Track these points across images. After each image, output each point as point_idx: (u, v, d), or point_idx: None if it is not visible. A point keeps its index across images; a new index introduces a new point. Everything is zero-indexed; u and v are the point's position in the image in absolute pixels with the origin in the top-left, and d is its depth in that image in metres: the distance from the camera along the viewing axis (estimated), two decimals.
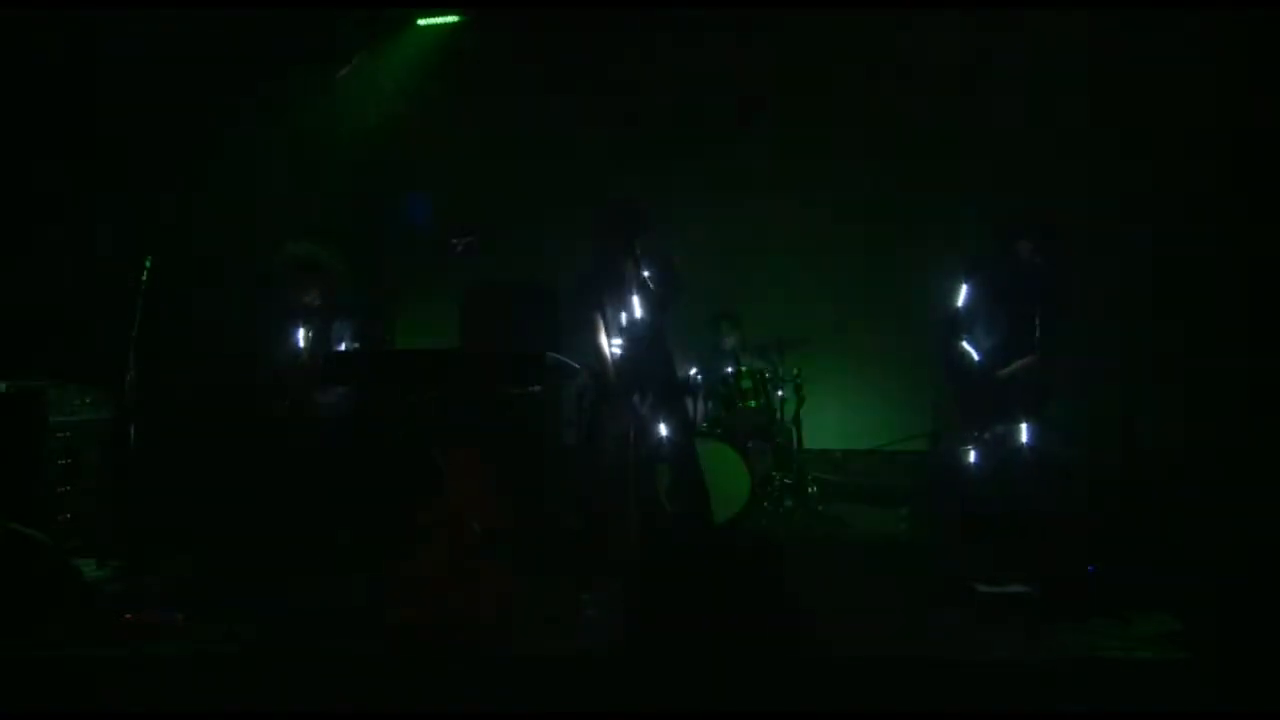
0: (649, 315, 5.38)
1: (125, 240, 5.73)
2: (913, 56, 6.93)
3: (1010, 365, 5.40)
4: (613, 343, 5.45)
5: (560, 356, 5.01)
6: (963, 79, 6.83)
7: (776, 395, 6.61)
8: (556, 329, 5.82)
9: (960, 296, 5.62)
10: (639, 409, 5.47)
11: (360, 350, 5.32)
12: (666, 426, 5.50)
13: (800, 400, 6.59)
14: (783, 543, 5.74)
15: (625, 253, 5.32)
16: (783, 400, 6.63)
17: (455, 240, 5.35)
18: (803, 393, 6.57)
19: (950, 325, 5.63)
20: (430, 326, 6.95)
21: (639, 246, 5.33)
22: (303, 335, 5.25)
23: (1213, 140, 6.18)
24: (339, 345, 5.25)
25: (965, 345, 5.58)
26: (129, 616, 4.12)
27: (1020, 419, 5.25)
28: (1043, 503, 4.87)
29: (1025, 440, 5.20)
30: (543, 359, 4.67)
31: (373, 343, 5.67)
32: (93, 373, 5.24)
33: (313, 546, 4.69)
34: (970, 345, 5.58)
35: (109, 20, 5.92)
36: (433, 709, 3.59)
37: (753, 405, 6.55)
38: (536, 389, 4.93)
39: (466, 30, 6.94)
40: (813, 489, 6.59)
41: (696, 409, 6.63)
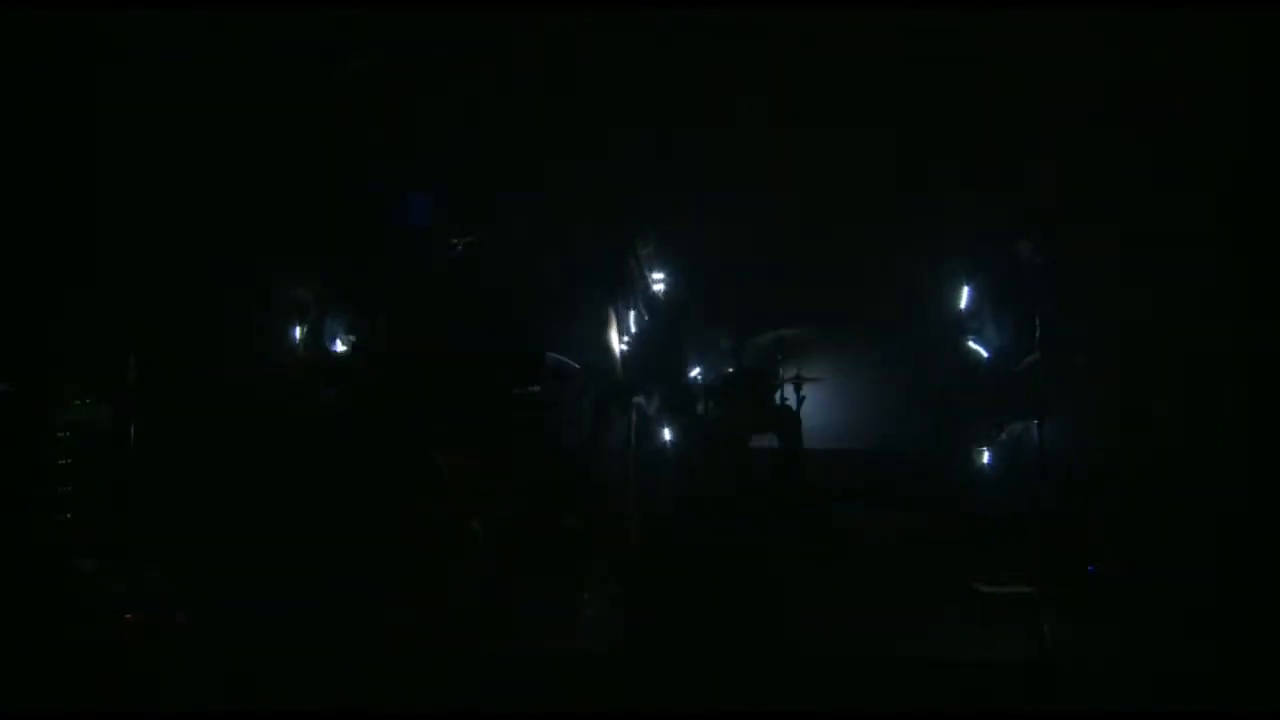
0: (654, 315, 5.39)
1: (125, 240, 5.73)
2: (913, 56, 6.92)
3: (1021, 364, 5.40)
4: (621, 341, 5.45)
5: (560, 357, 5.01)
6: (963, 79, 6.82)
7: (776, 395, 6.60)
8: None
9: (963, 296, 5.63)
10: (645, 408, 5.47)
11: (360, 350, 5.31)
12: (672, 427, 5.51)
13: (800, 400, 6.57)
14: (782, 543, 5.73)
15: (630, 253, 5.32)
16: (782, 400, 6.62)
17: (455, 240, 5.35)
18: (803, 392, 6.56)
19: (954, 325, 5.64)
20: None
21: (643, 246, 5.34)
22: (303, 335, 5.25)
23: (1213, 140, 6.17)
24: (339, 345, 5.25)
25: (970, 344, 5.59)
26: (129, 616, 4.11)
27: (1020, 419, 5.25)
28: (1043, 503, 4.87)
29: (1025, 440, 5.20)
30: (542, 359, 4.68)
31: (373, 343, 5.66)
32: (93, 373, 5.23)
33: (313, 546, 4.69)
34: (976, 344, 5.58)
35: (109, 21, 5.92)
36: (433, 709, 3.60)
37: (752, 405, 6.53)
38: (536, 389, 4.94)
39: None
40: (812, 489, 6.57)
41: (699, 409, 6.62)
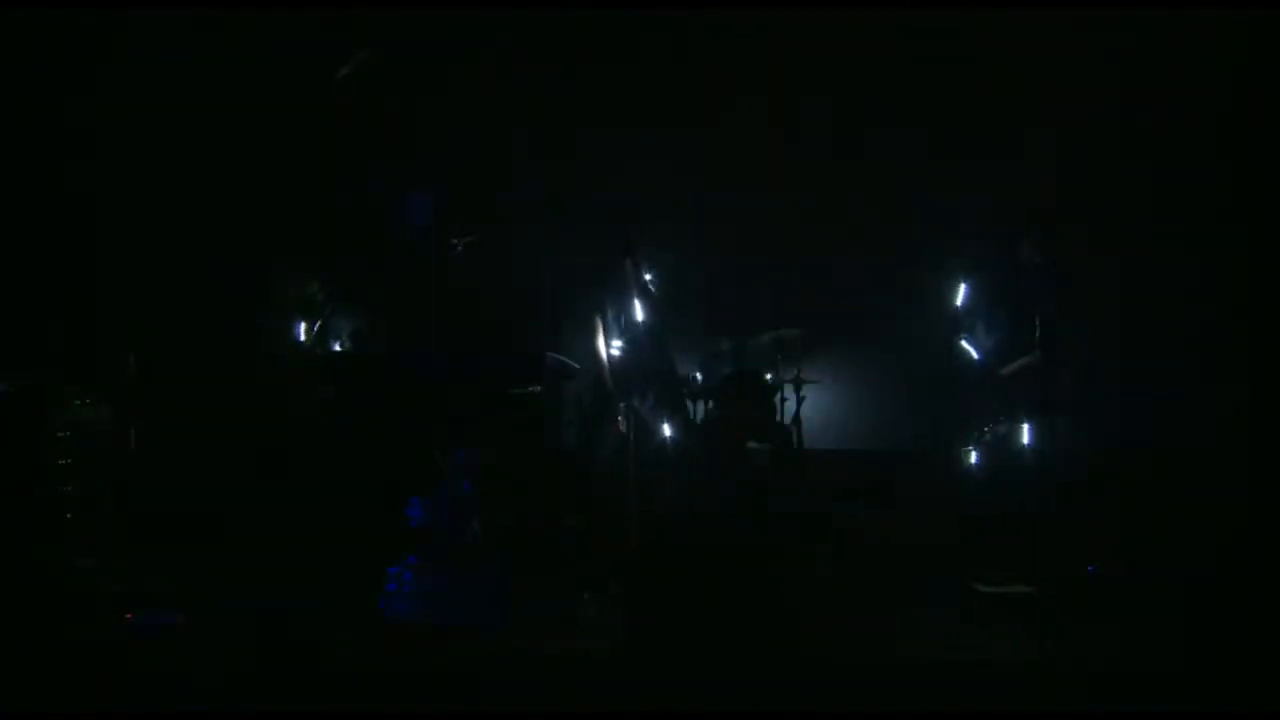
0: (648, 317, 5.39)
1: (125, 240, 5.73)
2: (913, 56, 6.92)
3: (1010, 365, 5.40)
4: (612, 345, 5.45)
5: (560, 357, 5.02)
6: (963, 79, 6.82)
7: (776, 396, 6.60)
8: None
9: (960, 296, 5.62)
10: (644, 409, 5.47)
11: (360, 350, 5.31)
12: (669, 427, 5.51)
13: (800, 400, 6.57)
14: (782, 543, 5.73)
15: (624, 255, 5.33)
16: (782, 401, 6.62)
17: (455, 240, 5.35)
18: (802, 393, 6.55)
19: (951, 325, 5.64)
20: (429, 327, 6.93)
21: (638, 248, 5.34)
22: (303, 335, 5.25)
23: (1213, 140, 6.17)
24: (338, 345, 5.25)
25: (965, 344, 5.59)
26: (129, 616, 4.11)
27: (1021, 419, 5.25)
28: (1043, 503, 4.87)
29: (1026, 440, 5.20)
30: (542, 359, 4.68)
31: (372, 343, 5.66)
32: (93, 373, 5.23)
33: (313, 546, 4.69)
34: (970, 344, 5.58)
35: (109, 21, 5.92)
36: (433, 709, 3.60)
37: (752, 406, 6.52)
38: (536, 389, 4.94)
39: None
40: (811, 489, 6.57)
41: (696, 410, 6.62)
